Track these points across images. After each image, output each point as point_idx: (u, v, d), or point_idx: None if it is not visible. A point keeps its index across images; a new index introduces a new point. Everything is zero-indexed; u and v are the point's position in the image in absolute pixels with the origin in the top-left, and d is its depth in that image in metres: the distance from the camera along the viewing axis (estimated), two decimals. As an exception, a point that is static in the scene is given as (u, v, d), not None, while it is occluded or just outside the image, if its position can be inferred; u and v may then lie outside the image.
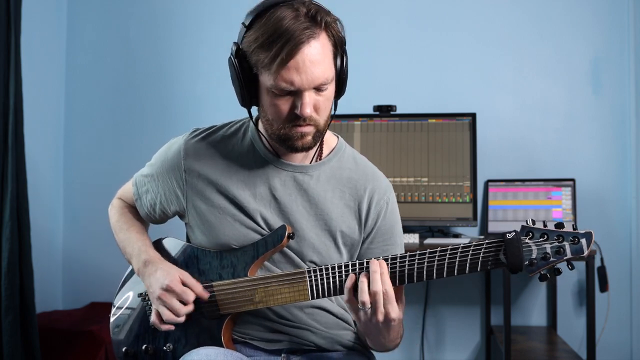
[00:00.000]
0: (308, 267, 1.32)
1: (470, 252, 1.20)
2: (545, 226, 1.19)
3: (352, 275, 1.24)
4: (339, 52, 1.29)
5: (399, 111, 2.77)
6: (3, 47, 2.60)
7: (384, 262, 1.23)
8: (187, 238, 1.48)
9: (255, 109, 1.36)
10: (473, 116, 2.72)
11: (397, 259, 1.24)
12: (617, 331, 2.79)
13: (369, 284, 1.21)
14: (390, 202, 1.43)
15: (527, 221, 1.21)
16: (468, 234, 2.78)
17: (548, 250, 1.18)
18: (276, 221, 1.36)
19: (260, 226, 1.36)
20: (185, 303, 1.32)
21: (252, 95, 1.31)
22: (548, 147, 2.87)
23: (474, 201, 2.68)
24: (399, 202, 1.47)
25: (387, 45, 2.99)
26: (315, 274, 1.29)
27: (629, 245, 2.79)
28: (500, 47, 2.92)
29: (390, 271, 1.23)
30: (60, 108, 3.25)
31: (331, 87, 1.29)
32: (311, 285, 1.29)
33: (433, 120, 2.74)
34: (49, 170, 3.19)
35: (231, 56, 1.29)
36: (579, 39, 2.87)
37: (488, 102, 2.88)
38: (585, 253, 1.17)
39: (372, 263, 1.22)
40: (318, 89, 1.26)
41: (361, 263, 1.25)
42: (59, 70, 3.25)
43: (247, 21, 1.26)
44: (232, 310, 1.34)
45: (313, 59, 1.22)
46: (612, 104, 2.84)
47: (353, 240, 1.40)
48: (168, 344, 1.38)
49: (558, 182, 2.73)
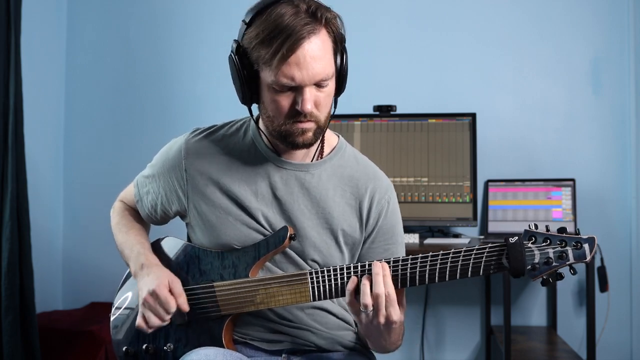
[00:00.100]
0: (310, 269, 1.32)
1: (472, 256, 1.20)
2: (548, 230, 1.19)
3: (354, 277, 1.23)
4: (339, 49, 1.29)
5: (399, 111, 2.77)
6: (3, 47, 2.60)
7: (387, 265, 1.23)
8: (188, 238, 1.47)
9: (255, 108, 1.36)
10: (473, 116, 2.71)
11: (400, 262, 1.24)
12: (617, 331, 2.79)
13: (371, 287, 1.20)
14: (391, 202, 1.43)
15: (530, 225, 1.20)
16: (468, 234, 2.78)
17: (551, 255, 1.17)
18: (278, 220, 1.36)
19: (262, 226, 1.36)
20: (166, 311, 1.32)
21: (253, 92, 1.30)
22: (548, 147, 2.86)
23: (474, 201, 2.68)
24: (399, 202, 1.47)
25: (387, 45, 2.99)
26: (316, 276, 1.28)
27: (629, 245, 2.79)
28: (500, 47, 2.92)
29: (392, 274, 1.22)
30: (60, 108, 3.25)
31: (331, 84, 1.29)
32: (312, 287, 1.29)
33: (433, 120, 2.74)
34: (49, 170, 3.18)
35: (232, 53, 1.29)
36: (579, 39, 2.87)
37: (488, 102, 2.88)
38: (587, 258, 1.16)
39: (375, 265, 1.22)
40: (318, 85, 1.26)
41: (363, 265, 1.25)
42: (59, 70, 3.24)
43: (248, 18, 1.26)
44: (233, 310, 1.34)
45: (314, 55, 1.22)
46: (612, 104, 2.84)
47: (354, 239, 1.40)
48: (169, 344, 1.38)
49: (558, 182, 2.73)
